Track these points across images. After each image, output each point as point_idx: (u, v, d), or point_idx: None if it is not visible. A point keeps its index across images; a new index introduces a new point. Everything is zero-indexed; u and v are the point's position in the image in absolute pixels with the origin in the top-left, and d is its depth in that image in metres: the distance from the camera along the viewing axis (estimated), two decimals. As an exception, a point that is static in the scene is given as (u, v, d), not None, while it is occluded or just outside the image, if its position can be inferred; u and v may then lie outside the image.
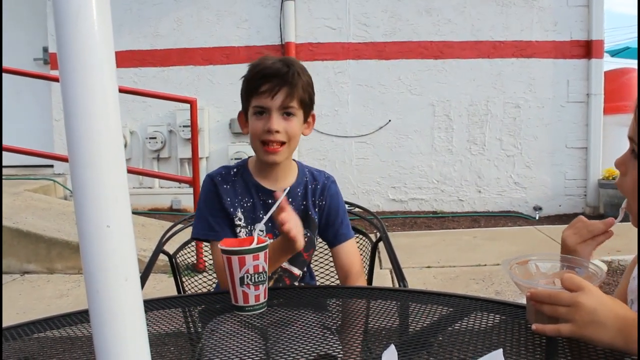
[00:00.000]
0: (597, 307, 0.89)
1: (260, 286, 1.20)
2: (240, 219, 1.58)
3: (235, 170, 1.64)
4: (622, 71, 6.59)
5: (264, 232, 1.26)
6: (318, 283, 1.87)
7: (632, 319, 0.88)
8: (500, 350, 0.88)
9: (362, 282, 1.68)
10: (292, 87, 1.51)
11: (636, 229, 1.07)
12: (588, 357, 0.91)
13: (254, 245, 1.20)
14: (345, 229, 1.69)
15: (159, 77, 6.17)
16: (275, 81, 1.50)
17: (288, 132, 1.53)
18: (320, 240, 1.73)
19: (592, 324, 0.89)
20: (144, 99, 5.85)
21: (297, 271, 1.65)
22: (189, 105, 4.72)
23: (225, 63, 6.09)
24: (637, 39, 7.00)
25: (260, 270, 1.19)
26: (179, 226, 1.94)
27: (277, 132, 1.51)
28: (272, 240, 1.42)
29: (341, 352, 0.98)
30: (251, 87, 1.53)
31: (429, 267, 4.04)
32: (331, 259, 1.85)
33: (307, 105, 1.58)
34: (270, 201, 1.58)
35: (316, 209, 1.66)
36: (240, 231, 1.58)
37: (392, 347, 0.89)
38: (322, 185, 1.67)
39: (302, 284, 1.69)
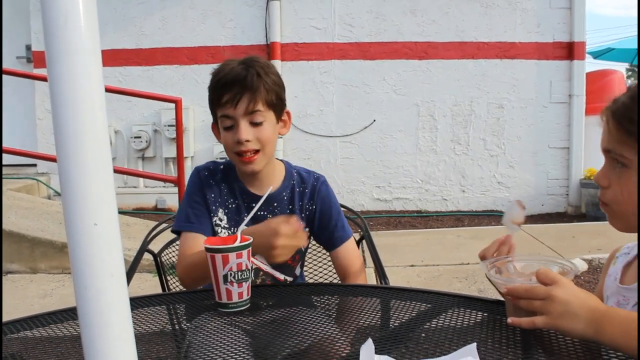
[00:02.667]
0: (570, 299, 0.93)
1: (244, 284, 1.22)
2: (221, 220, 1.57)
3: (222, 167, 1.62)
4: (604, 72, 6.68)
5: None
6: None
7: (603, 311, 0.92)
8: (474, 345, 0.91)
9: (361, 281, 1.62)
10: (253, 91, 1.45)
11: (614, 229, 1.10)
12: (559, 352, 0.94)
13: (237, 244, 1.22)
14: (340, 230, 1.63)
15: (144, 76, 6.15)
16: (235, 89, 1.45)
17: (260, 140, 1.48)
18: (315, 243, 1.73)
19: (565, 315, 0.92)
20: (129, 98, 5.83)
21: (280, 276, 1.59)
22: (174, 104, 4.73)
23: (211, 62, 6.07)
24: (637, 40, 7.08)
25: (244, 268, 1.21)
26: (164, 225, 1.95)
27: (248, 141, 1.46)
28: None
29: (323, 345, 1.00)
30: (213, 98, 1.51)
31: (412, 265, 4.08)
32: (323, 260, 1.86)
33: (276, 105, 1.52)
34: (254, 204, 1.59)
35: (304, 214, 1.60)
36: (221, 232, 1.56)
37: (370, 341, 0.92)
38: (311, 188, 1.61)
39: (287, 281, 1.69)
